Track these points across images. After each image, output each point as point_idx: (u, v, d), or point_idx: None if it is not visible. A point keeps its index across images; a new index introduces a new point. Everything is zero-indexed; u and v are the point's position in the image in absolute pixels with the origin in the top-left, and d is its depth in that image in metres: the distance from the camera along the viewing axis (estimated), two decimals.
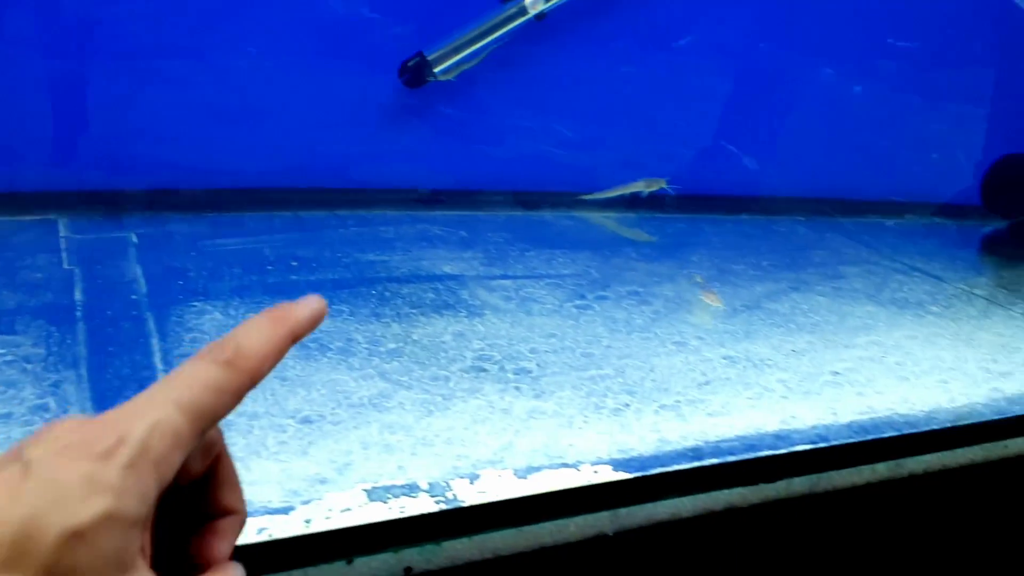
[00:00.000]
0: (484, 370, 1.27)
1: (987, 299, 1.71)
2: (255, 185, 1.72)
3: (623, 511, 1.07)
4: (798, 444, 1.19)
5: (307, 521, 0.95)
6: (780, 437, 1.21)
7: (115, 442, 0.49)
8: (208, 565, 0.60)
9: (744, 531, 1.16)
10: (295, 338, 0.61)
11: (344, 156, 1.76)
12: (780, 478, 1.16)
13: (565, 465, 1.10)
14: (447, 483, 1.03)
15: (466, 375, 1.25)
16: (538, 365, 1.30)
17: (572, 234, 1.80)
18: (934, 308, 1.65)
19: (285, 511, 0.95)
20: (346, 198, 1.77)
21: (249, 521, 0.91)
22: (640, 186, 1.83)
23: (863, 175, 2.03)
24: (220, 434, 0.62)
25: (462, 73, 1.67)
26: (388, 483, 1.02)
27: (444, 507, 0.99)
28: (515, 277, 1.57)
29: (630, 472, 1.10)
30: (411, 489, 1.02)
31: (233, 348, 0.58)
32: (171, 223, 1.59)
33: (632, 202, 1.89)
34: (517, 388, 1.23)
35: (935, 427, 1.28)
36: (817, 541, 1.23)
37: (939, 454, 1.27)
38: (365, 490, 1.00)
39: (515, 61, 1.77)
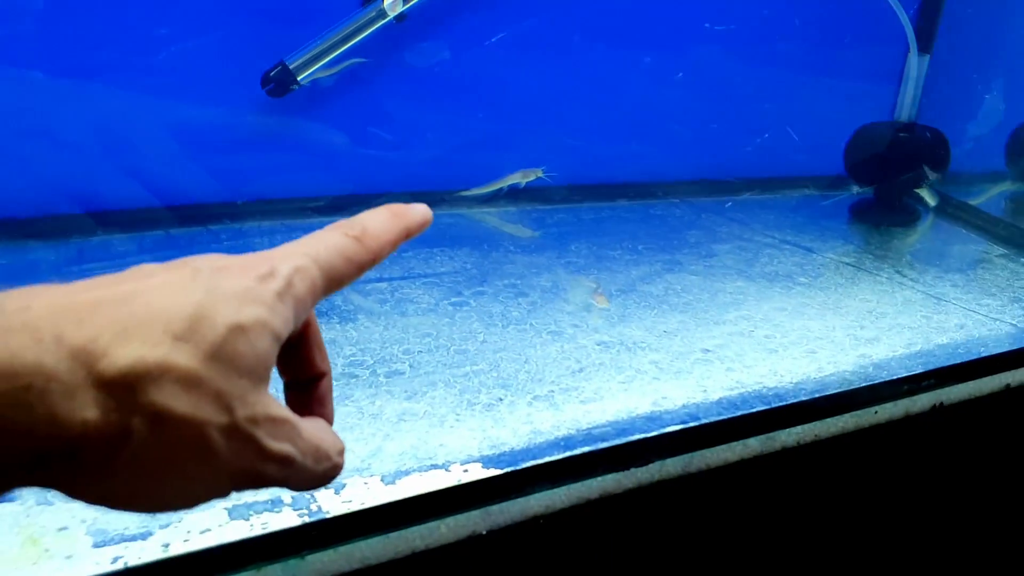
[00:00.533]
0: (355, 376, 1.26)
1: (854, 266, 1.76)
2: (125, 207, 1.68)
3: (495, 508, 1.07)
4: (669, 425, 1.20)
5: (165, 546, 0.93)
6: (651, 419, 1.22)
7: (268, 271, 0.57)
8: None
9: (621, 517, 1.17)
10: (408, 233, 0.67)
11: (214, 170, 1.73)
12: (652, 461, 1.17)
13: (435, 466, 1.09)
14: (311, 495, 1.02)
15: (336, 383, 1.23)
16: (411, 366, 1.30)
17: (452, 232, 1.80)
18: (803, 279, 1.68)
19: (143, 536, 0.94)
20: (220, 212, 1.74)
21: (103, 550, 0.91)
22: (517, 177, 1.83)
23: (733, 155, 2.07)
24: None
25: (325, 78, 1.67)
26: (250, 500, 1.01)
27: (308, 520, 0.99)
28: (391, 279, 1.56)
29: (501, 468, 1.10)
30: (274, 504, 1.01)
31: (360, 228, 0.63)
32: (35, 251, 1.55)
33: (513, 196, 1.90)
34: (388, 391, 1.23)
35: (804, 398, 1.30)
36: (694, 522, 1.24)
37: (810, 425, 1.29)
38: (226, 509, 0.99)
39: (370, 67, 1.76)
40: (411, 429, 1.16)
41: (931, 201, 2.05)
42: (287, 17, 1.67)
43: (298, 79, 1.64)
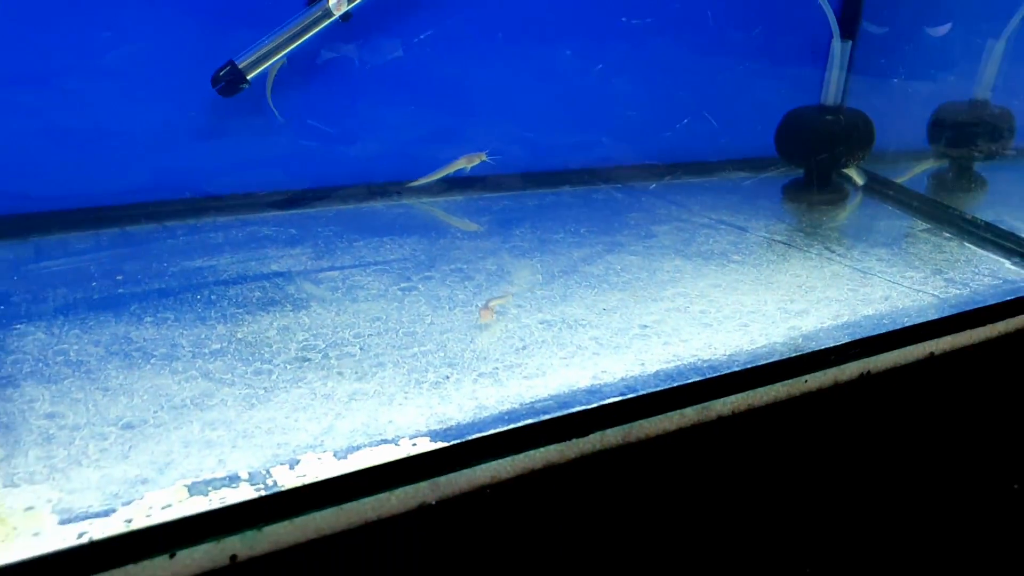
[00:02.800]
0: (308, 359, 1.32)
1: (786, 244, 1.84)
2: (81, 205, 1.72)
3: (442, 479, 1.13)
4: (609, 397, 1.27)
5: (127, 521, 0.98)
6: (592, 392, 1.29)
7: None
8: None
9: (564, 486, 1.23)
10: None
11: (169, 168, 1.77)
12: (593, 431, 1.24)
13: (384, 441, 1.16)
14: (267, 471, 1.08)
15: (289, 366, 1.30)
16: (361, 349, 1.35)
17: (401, 221, 1.85)
18: (736, 257, 1.76)
19: (106, 513, 0.99)
20: (175, 209, 1.78)
21: (69, 527, 0.96)
22: (462, 163, 1.88)
23: (672, 141, 2.14)
24: None
25: (270, 76, 1.71)
26: (209, 476, 1.06)
27: (264, 493, 1.05)
28: (342, 268, 1.62)
29: (448, 441, 1.16)
30: (232, 480, 1.06)
31: None
32: None
33: (459, 185, 1.96)
34: (340, 373, 1.29)
35: (736, 369, 1.38)
36: (634, 489, 1.31)
37: (743, 394, 1.36)
38: (186, 486, 1.04)
39: (314, 61, 1.81)
40: (361, 408, 1.22)
41: (859, 180, 2.14)
42: (236, 17, 1.71)
43: (247, 78, 1.68)
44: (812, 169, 2.06)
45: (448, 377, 1.30)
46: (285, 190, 1.90)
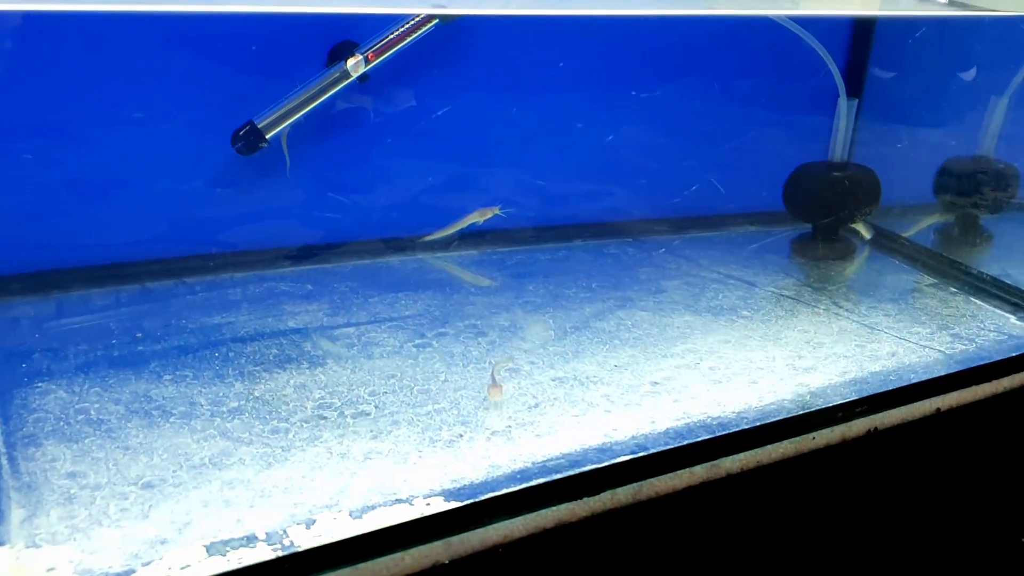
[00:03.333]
0: (324, 417, 1.34)
1: (794, 299, 1.86)
2: (101, 262, 1.75)
3: (455, 539, 1.15)
4: (619, 455, 1.30)
5: None
6: (603, 450, 1.31)
7: None
8: None
9: (575, 544, 1.24)
10: None
11: (188, 225, 1.81)
12: (604, 490, 1.25)
13: (399, 501, 1.18)
14: (284, 531, 1.10)
15: (306, 424, 1.32)
16: (376, 407, 1.38)
17: (416, 277, 1.88)
18: (745, 312, 1.78)
19: (127, 574, 1.01)
20: (194, 265, 1.81)
21: None
22: (475, 217, 1.92)
23: (684, 196, 2.17)
24: None
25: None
26: (227, 536, 1.09)
27: (280, 553, 1.07)
28: (358, 324, 1.64)
29: (461, 500, 1.18)
30: (249, 540, 1.09)
31: None
32: (16, 308, 1.62)
33: (473, 238, 1.99)
34: (355, 432, 1.31)
35: (746, 426, 1.40)
36: (645, 547, 1.32)
37: (752, 451, 1.38)
38: (204, 546, 1.07)
39: (327, 112, 1.85)
40: (377, 467, 1.24)
41: (866, 234, 2.16)
42: (257, 77, 1.76)
43: (266, 137, 1.72)
44: (820, 224, 2.09)
45: (461, 435, 1.32)
46: (301, 245, 1.93)
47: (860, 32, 2.20)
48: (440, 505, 1.17)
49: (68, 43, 1.61)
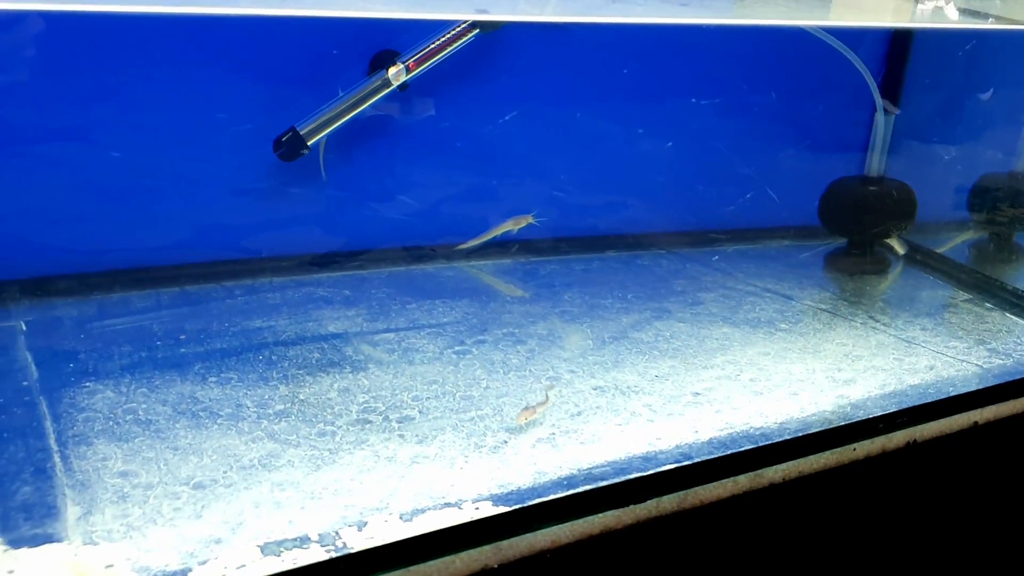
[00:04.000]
0: (369, 422, 1.35)
1: (831, 312, 1.86)
2: (141, 264, 1.77)
3: (504, 543, 1.16)
4: (664, 464, 1.30)
5: None
6: (647, 459, 1.32)
7: None
8: None
9: (621, 551, 1.25)
10: None
11: (228, 229, 1.82)
12: (649, 498, 1.26)
13: (448, 505, 1.18)
14: (336, 532, 1.11)
15: (352, 428, 1.33)
16: (420, 412, 1.39)
17: (453, 284, 1.89)
18: (783, 325, 1.79)
19: (183, 572, 1.02)
20: (232, 269, 1.82)
21: None
22: (509, 225, 1.93)
23: (717, 209, 2.18)
24: None
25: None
26: (280, 537, 1.09)
27: (334, 555, 1.07)
28: (397, 330, 1.65)
29: (509, 505, 1.19)
30: (302, 541, 1.09)
31: None
32: (59, 308, 1.63)
33: (506, 248, 2.00)
34: (401, 436, 1.32)
35: (788, 436, 1.40)
36: (689, 554, 1.33)
37: (794, 462, 1.39)
38: (259, 546, 1.07)
39: (370, 127, 1.86)
40: (424, 471, 1.25)
41: (900, 249, 2.17)
42: (298, 85, 1.77)
43: (308, 144, 1.74)
44: (855, 239, 2.10)
45: (506, 442, 1.32)
46: (337, 252, 1.94)
47: (897, 47, 2.21)
48: (489, 510, 1.17)
49: (115, 49, 1.64)
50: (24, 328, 1.56)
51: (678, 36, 2.07)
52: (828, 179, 2.13)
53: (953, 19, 1.94)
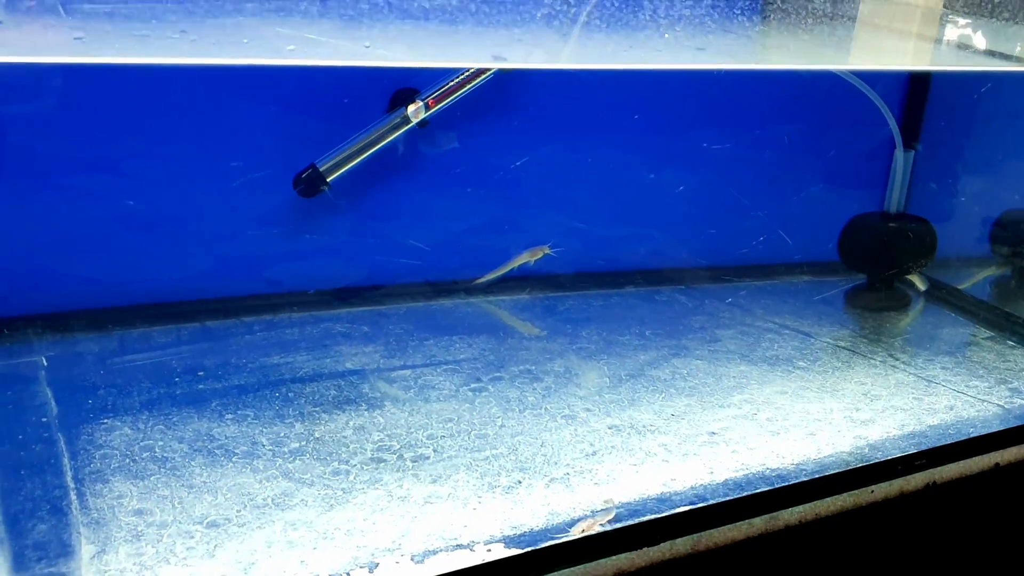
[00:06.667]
0: (383, 460, 1.35)
1: (850, 350, 1.85)
2: (162, 299, 1.78)
3: None
4: (679, 506, 1.29)
5: None
6: (662, 500, 1.31)
7: None
8: None
9: None
10: None
11: (247, 264, 1.84)
12: (663, 540, 1.25)
13: (460, 546, 1.18)
14: (347, 573, 1.11)
15: (366, 467, 1.33)
16: (435, 451, 1.39)
17: (470, 320, 1.89)
18: (802, 363, 1.77)
19: None
20: (252, 304, 1.84)
21: None
22: (525, 257, 1.93)
23: (736, 244, 2.18)
24: None
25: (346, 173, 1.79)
26: None
27: None
28: (414, 366, 1.66)
29: (522, 547, 1.19)
30: None
31: None
32: (80, 343, 1.65)
33: (525, 283, 2.00)
34: (415, 475, 1.32)
35: (804, 478, 1.39)
36: None
37: (811, 504, 1.37)
38: None
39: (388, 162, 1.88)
40: (437, 511, 1.24)
41: (921, 286, 2.15)
42: (318, 121, 1.79)
43: (328, 180, 1.76)
44: (875, 275, 2.08)
45: (520, 482, 1.32)
46: (355, 287, 1.95)
47: (917, 82, 2.20)
48: (501, 552, 1.17)
49: (139, 82, 1.66)
50: (45, 363, 1.58)
51: (698, 72, 2.08)
52: (847, 215, 2.13)
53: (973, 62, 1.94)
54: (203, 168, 1.77)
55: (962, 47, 1.90)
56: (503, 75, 1.85)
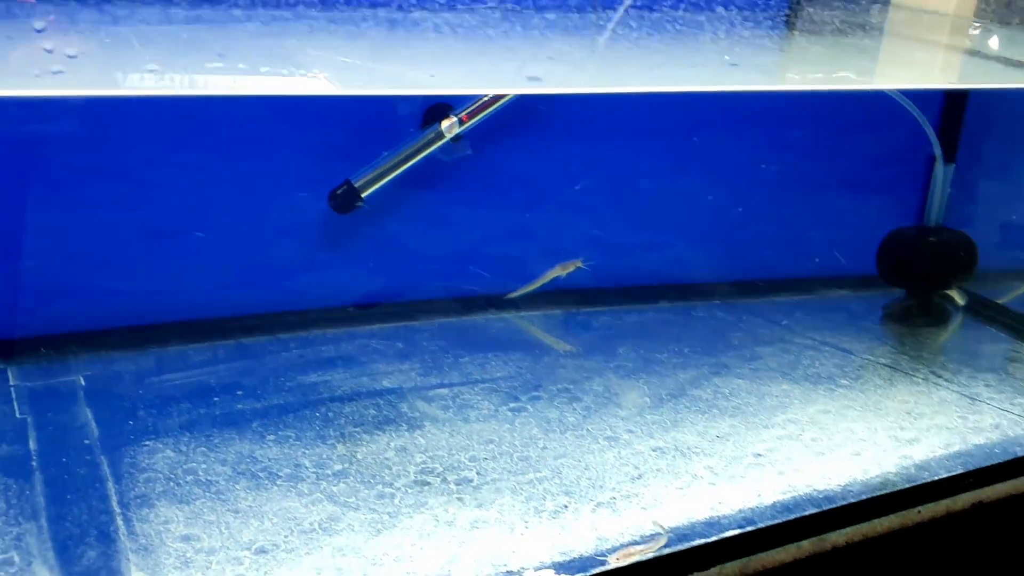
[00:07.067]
0: (427, 483, 1.34)
1: (891, 367, 1.83)
2: (197, 317, 1.78)
3: None
4: (728, 529, 1.28)
5: None
6: (710, 524, 1.30)
7: None
8: None
9: None
10: None
11: (282, 280, 1.83)
12: (712, 565, 1.24)
13: (509, 573, 1.17)
14: None
15: (410, 490, 1.32)
16: (478, 473, 1.37)
17: (504, 337, 1.88)
18: (844, 381, 1.76)
19: None
20: (287, 321, 1.83)
21: None
22: (557, 271, 1.92)
23: (772, 259, 2.16)
24: None
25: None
26: None
27: None
28: (451, 385, 1.64)
29: (571, 573, 1.17)
30: None
31: None
32: (117, 362, 1.64)
33: (556, 299, 1.99)
34: (460, 499, 1.31)
35: (851, 500, 1.38)
36: None
37: (858, 525, 1.36)
38: None
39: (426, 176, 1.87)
40: (484, 536, 1.23)
41: (960, 301, 2.13)
42: (353, 137, 1.79)
43: (362, 196, 1.75)
44: (913, 290, 2.07)
45: (566, 506, 1.31)
46: (388, 303, 1.94)
47: (953, 96, 2.19)
48: None
49: (177, 104, 1.66)
50: (83, 383, 1.58)
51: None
52: (884, 228, 2.11)
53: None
54: (238, 182, 1.76)
55: (994, 58, 1.89)
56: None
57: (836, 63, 1.78)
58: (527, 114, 1.92)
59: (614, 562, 1.24)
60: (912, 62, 1.92)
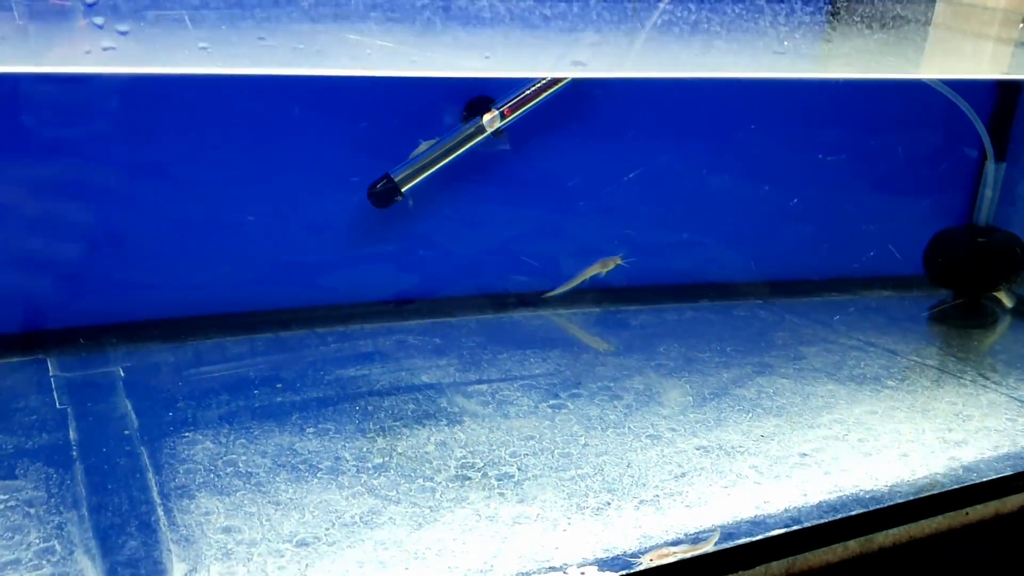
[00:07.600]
0: (468, 478, 1.32)
1: (939, 369, 1.80)
2: (235, 310, 1.78)
3: None
4: (773, 529, 1.25)
5: None
6: (756, 523, 1.27)
7: None
8: None
9: None
10: None
11: (320, 274, 1.83)
12: (758, 564, 1.22)
13: (553, 569, 1.15)
14: None
15: (451, 484, 1.30)
16: (519, 469, 1.36)
17: (542, 334, 1.87)
18: (890, 382, 1.73)
19: None
20: (325, 315, 1.83)
21: None
22: (597, 268, 1.90)
23: (816, 257, 2.13)
24: None
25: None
26: None
27: None
28: (490, 381, 1.63)
29: (616, 570, 1.15)
30: None
31: None
32: (155, 354, 1.65)
33: (596, 297, 1.97)
34: (501, 494, 1.29)
35: (899, 500, 1.35)
36: None
37: (906, 526, 1.34)
38: None
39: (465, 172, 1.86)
40: (526, 532, 1.21)
41: (1008, 303, 2.09)
42: (394, 129, 1.78)
43: (402, 190, 1.74)
44: (961, 291, 2.03)
45: (609, 503, 1.29)
46: (423, 298, 1.93)
47: (1006, 89, 2.15)
48: (595, 575, 1.14)
49: (216, 97, 1.66)
50: (122, 374, 1.58)
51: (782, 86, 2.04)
52: (930, 228, 2.07)
53: None
54: (279, 175, 1.76)
55: None
56: (578, 84, 1.83)
57: (883, 54, 1.75)
58: (569, 110, 1.90)
59: (647, 563, 1.22)
60: (961, 55, 1.89)
